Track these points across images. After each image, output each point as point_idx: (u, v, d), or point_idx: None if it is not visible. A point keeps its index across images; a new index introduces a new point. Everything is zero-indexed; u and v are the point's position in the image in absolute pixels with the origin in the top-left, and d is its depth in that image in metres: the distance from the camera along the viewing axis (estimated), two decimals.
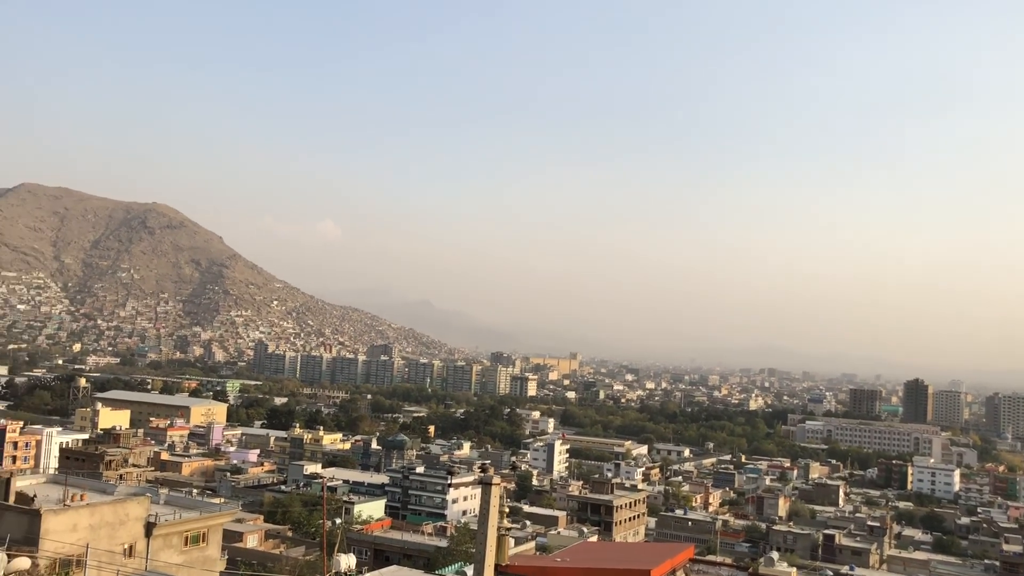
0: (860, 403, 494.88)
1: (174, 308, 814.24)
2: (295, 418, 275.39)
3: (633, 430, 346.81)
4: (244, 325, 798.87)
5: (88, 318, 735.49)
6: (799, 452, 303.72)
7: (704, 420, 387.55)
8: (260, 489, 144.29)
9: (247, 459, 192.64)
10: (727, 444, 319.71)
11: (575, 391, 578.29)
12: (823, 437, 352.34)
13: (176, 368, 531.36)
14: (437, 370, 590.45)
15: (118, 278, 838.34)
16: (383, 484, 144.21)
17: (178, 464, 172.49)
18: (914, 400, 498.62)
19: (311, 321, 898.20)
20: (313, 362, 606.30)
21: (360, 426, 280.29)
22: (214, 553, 56.98)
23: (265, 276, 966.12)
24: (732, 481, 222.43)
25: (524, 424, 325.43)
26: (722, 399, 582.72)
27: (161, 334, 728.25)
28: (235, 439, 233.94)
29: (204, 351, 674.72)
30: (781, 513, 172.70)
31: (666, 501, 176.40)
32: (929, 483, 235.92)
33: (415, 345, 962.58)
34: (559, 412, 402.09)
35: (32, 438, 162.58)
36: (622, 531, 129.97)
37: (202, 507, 59.39)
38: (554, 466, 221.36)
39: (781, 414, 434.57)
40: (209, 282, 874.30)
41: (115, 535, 48.16)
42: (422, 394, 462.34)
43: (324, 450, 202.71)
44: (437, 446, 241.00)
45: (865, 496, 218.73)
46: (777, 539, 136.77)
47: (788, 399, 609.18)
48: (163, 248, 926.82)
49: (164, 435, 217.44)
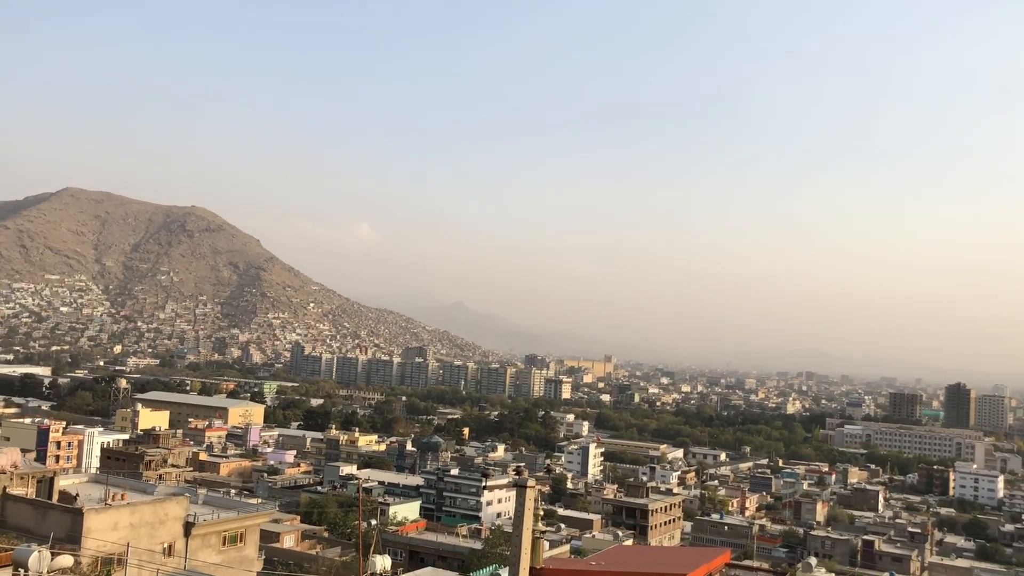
0: (900, 407, 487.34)
1: (212, 310, 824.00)
2: (331, 419, 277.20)
3: (668, 433, 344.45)
4: (281, 327, 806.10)
5: (128, 320, 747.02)
6: (837, 456, 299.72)
7: (741, 424, 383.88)
8: (296, 490, 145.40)
9: (284, 460, 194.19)
10: (764, 448, 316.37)
11: (610, 394, 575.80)
12: (862, 441, 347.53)
13: (214, 370, 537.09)
14: (471, 372, 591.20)
15: (158, 281, 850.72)
16: (418, 486, 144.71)
17: (216, 465, 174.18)
18: (956, 404, 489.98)
19: (347, 323, 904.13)
20: (349, 364, 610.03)
21: (395, 428, 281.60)
22: (251, 553, 57.53)
23: (302, 279, 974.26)
24: (769, 486, 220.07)
25: (558, 427, 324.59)
26: (759, 403, 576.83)
27: (199, 336, 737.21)
28: (272, 440, 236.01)
29: (242, 353, 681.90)
30: (819, 518, 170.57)
31: (702, 505, 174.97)
32: (972, 489, 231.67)
33: (449, 347, 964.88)
34: (593, 415, 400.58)
35: (74, 438, 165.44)
36: (657, 535, 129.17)
37: (239, 507, 59.99)
38: (588, 469, 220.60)
39: (819, 418, 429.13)
40: (247, 285, 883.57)
41: (155, 534, 48.79)
42: (456, 396, 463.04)
43: (359, 451, 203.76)
44: (471, 448, 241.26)
45: (905, 502, 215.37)
46: (815, 544, 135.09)
47: (826, 403, 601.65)
48: (202, 251, 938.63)
49: (202, 436, 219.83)
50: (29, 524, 46.03)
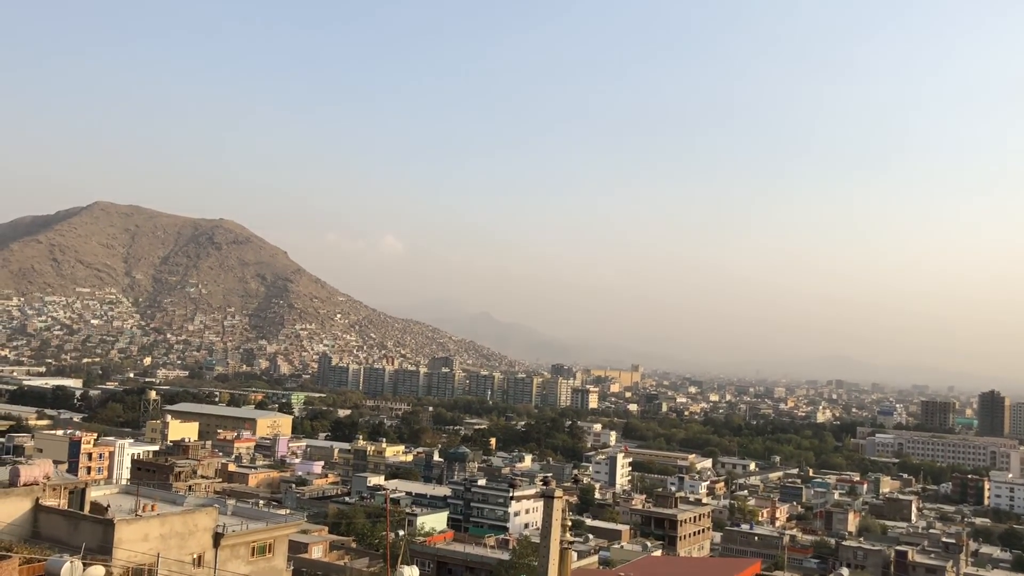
0: (932, 415, 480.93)
1: (240, 322, 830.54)
2: (358, 430, 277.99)
3: (697, 443, 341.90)
4: (308, 338, 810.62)
5: (158, 332, 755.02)
6: (869, 466, 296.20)
7: (770, 433, 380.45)
8: (324, 500, 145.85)
9: (312, 471, 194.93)
10: (794, 457, 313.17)
11: (637, 404, 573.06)
12: (894, 450, 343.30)
13: (243, 381, 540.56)
14: (498, 382, 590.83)
15: (186, 293, 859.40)
16: (445, 496, 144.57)
17: (244, 476, 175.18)
18: (990, 412, 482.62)
19: (374, 334, 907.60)
20: (376, 374, 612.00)
21: (422, 438, 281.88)
22: (280, 564, 57.61)
23: (329, 290, 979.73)
24: (799, 495, 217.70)
25: (586, 437, 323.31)
26: (788, 411, 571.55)
27: (228, 347, 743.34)
28: (300, 451, 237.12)
29: (270, 364, 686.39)
30: (851, 528, 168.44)
31: (731, 515, 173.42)
32: (1008, 498, 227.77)
33: (476, 357, 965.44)
34: (621, 425, 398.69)
35: (105, 449, 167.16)
36: (686, 546, 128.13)
37: (268, 518, 60.11)
38: (616, 479, 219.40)
39: (850, 427, 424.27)
40: (274, 296, 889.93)
41: (184, 545, 49.00)
42: (483, 406, 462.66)
43: (387, 462, 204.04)
44: (499, 458, 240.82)
45: (939, 512, 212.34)
46: (847, 555, 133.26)
47: (857, 411, 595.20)
48: (230, 263, 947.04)
49: (231, 447, 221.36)
50: (61, 535, 46.43)
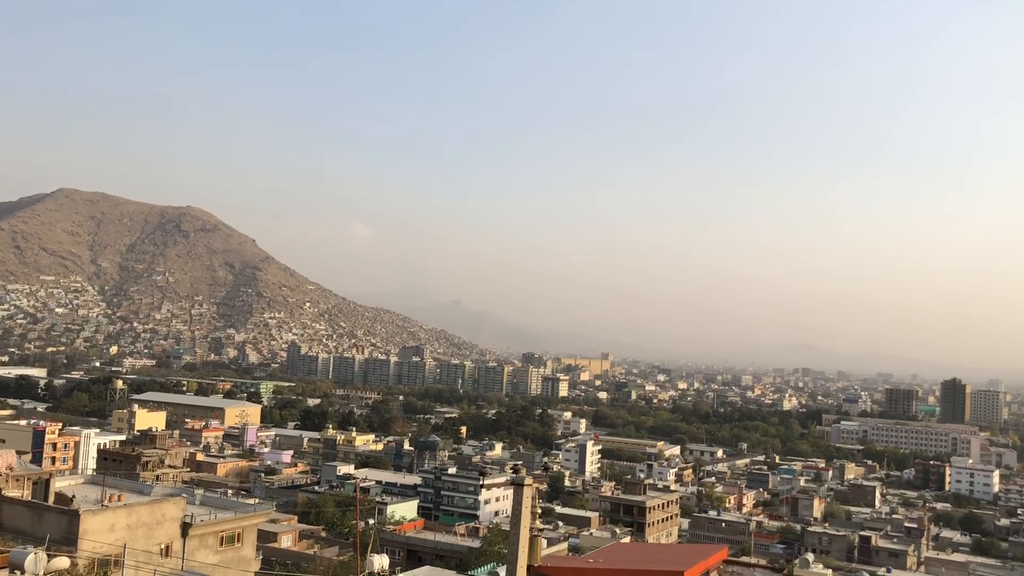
0: (896, 403, 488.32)
1: (208, 310, 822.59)
2: (328, 419, 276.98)
3: (665, 431, 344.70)
4: (277, 327, 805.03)
5: (124, 321, 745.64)
6: (834, 453, 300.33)
7: (737, 420, 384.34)
8: (294, 490, 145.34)
9: (281, 460, 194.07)
10: (761, 445, 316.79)
11: (607, 392, 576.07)
12: (858, 437, 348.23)
13: (211, 370, 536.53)
14: (468, 371, 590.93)
15: (153, 281, 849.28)
16: (415, 485, 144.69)
17: (213, 465, 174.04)
18: (951, 400, 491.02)
19: (343, 323, 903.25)
20: (345, 363, 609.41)
21: (392, 427, 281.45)
22: (249, 553, 57.47)
23: (298, 278, 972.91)
24: (766, 482, 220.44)
25: (556, 425, 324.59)
26: (755, 399, 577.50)
27: (196, 336, 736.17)
28: (269, 440, 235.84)
29: (238, 353, 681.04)
30: (816, 514, 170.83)
31: (699, 502, 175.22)
32: (968, 484, 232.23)
33: (446, 346, 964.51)
34: (591, 413, 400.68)
35: (70, 439, 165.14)
36: (655, 532, 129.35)
37: (237, 508, 59.89)
38: (586, 467, 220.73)
39: (815, 414, 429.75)
40: (243, 284, 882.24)
41: (152, 535, 48.73)
42: (453, 395, 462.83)
43: (357, 451, 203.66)
44: (469, 447, 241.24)
45: (902, 497, 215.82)
46: (812, 540, 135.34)
47: (822, 399, 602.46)
48: (197, 251, 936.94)
49: (199, 436, 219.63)
50: (25, 526, 45.96)
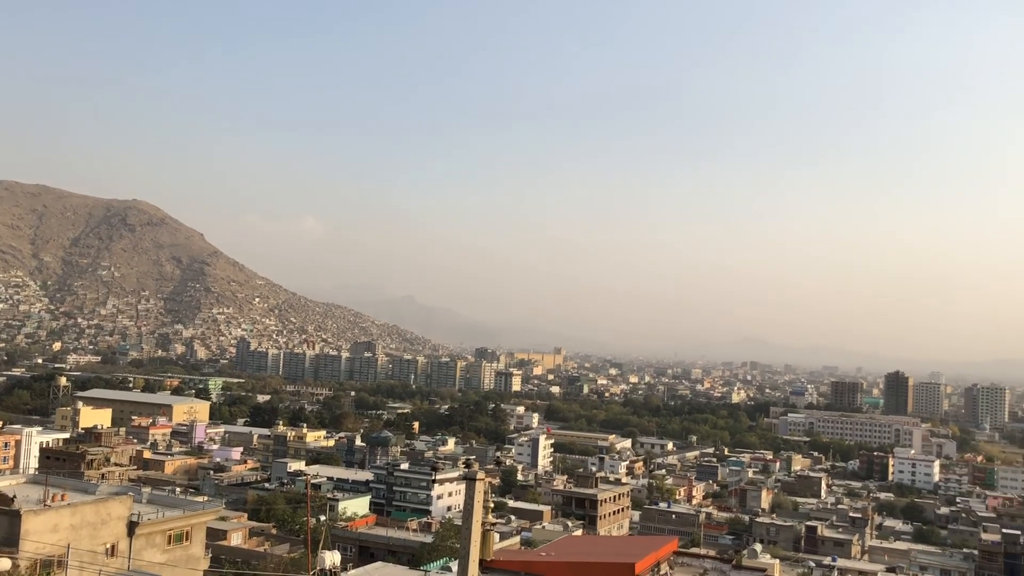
0: (841, 395, 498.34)
1: (155, 306, 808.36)
2: (278, 415, 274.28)
3: (617, 424, 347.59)
4: (226, 323, 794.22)
5: (68, 316, 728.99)
6: (781, 445, 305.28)
7: (687, 413, 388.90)
8: (244, 487, 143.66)
9: (230, 457, 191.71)
10: (710, 437, 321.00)
11: (559, 386, 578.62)
12: (805, 429, 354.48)
13: (158, 366, 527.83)
14: (421, 366, 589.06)
15: (98, 276, 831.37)
16: (367, 481, 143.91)
17: (161, 463, 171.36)
18: (895, 392, 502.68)
19: (294, 318, 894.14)
20: (296, 359, 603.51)
21: (344, 423, 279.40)
22: (198, 552, 56.78)
23: (247, 273, 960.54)
24: (715, 474, 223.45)
25: (509, 419, 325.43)
26: (705, 392, 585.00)
27: (142, 332, 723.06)
28: (218, 437, 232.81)
29: (186, 349, 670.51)
30: (764, 505, 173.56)
31: (650, 494, 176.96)
32: (910, 474, 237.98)
33: (399, 341, 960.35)
34: (543, 407, 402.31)
35: (11, 438, 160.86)
36: (606, 524, 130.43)
37: (185, 505, 59.14)
38: (539, 461, 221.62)
39: (763, 407, 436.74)
40: (191, 279, 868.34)
41: (97, 535, 47.89)
42: (406, 391, 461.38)
43: (308, 447, 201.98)
44: (421, 442, 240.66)
45: (847, 488, 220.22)
46: (760, 531, 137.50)
47: (770, 392, 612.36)
48: (144, 245, 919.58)
49: (146, 434, 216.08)
50: None
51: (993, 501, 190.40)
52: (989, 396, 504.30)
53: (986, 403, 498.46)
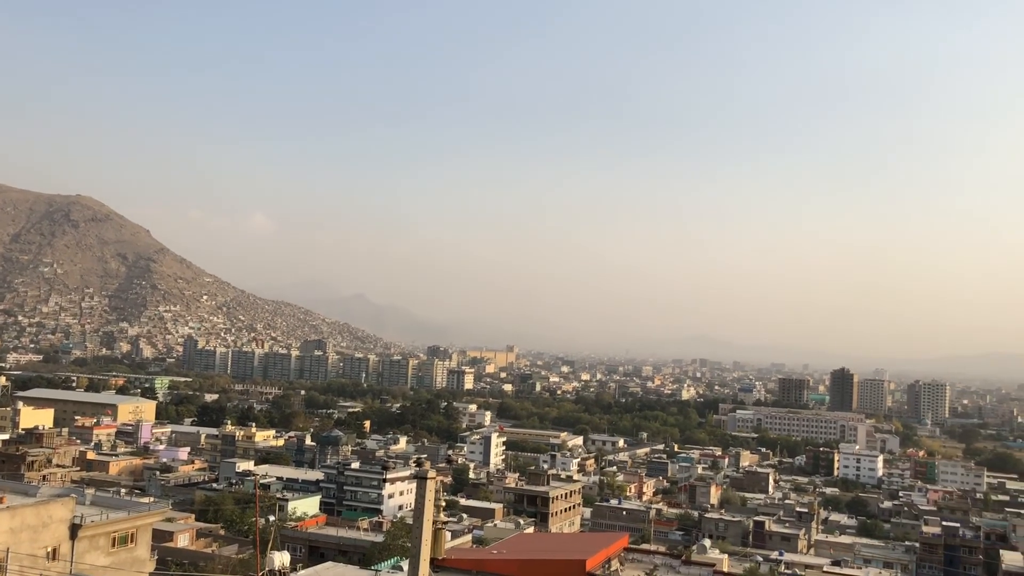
0: (789, 392, 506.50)
1: (100, 303, 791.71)
2: (226, 415, 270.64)
3: (569, 421, 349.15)
4: (173, 320, 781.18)
5: (8, 314, 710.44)
6: (730, 441, 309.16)
7: (638, 410, 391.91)
8: (191, 487, 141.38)
9: (177, 457, 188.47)
10: (660, 434, 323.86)
11: (512, 384, 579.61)
12: (753, 426, 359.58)
13: (102, 365, 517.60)
14: (372, 365, 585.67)
15: (40, 273, 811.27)
16: (318, 480, 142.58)
17: (105, 463, 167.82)
18: (840, 389, 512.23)
19: (242, 316, 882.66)
20: (245, 358, 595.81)
21: (294, 422, 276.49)
22: (143, 554, 55.72)
23: (194, 270, 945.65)
24: (665, 470, 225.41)
25: (461, 417, 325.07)
26: (655, 389, 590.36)
27: (86, 330, 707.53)
28: (165, 437, 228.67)
29: (131, 347, 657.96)
30: (713, 501, 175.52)
31: (601, 491, 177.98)
32: (854, 469, 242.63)
33: (350, 340, 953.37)
34: (496, 405, 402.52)
35: None
36: (558, 522, 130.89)
37: (130, 507, 57.96)
38: (491, 459, 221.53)
39: (712, 404, 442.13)
40: (136, 276, 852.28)
41: (37, 538, 46.72)
42: (357, 389, 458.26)
43: (257, 447, 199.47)
44: (373, 441, 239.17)
45: (794, 483, 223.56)
46: (709, 527, 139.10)
47: (719, 389, 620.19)
48: (88, 242, 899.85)
49: (90, 434, 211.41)
50: None
51: (934, 495, 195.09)
52: (931, 392, 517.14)
53: (928, 399, 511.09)
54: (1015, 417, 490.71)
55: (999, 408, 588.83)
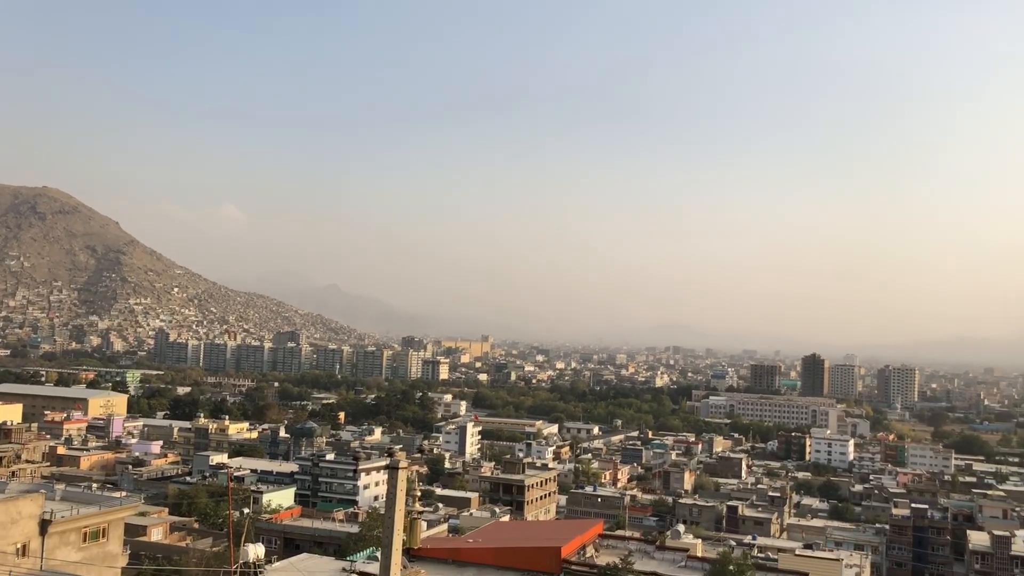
0: (761, 378, 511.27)
1: (69, 297, 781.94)
2: (199, 408, 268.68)
3: (544, 410, 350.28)
4: (144, 313, 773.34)
5: None
6: (703, 427, 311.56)
7: (612, 398, 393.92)
8: (164, 481, 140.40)
9: (150, 451, 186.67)
10: (634, 421, 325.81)
11: (487, 373, 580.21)
12: (726, 412, 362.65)
13: (72, 359, 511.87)
14: (347, 356, 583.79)
15: (7, 266, 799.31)
16: (292, 472, 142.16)
17: (76, 459, 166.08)
18: (811, 374, 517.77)
19: (214, 308, 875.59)
20: (217, 350, 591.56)
21: (267, 414, 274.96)
22: (115, 548, 55.35)
23: (165, 262, 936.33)
24: (640, 457, 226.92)
25: (436, 408, 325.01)
26: (629, 377, 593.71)
27: (55, 324, 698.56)
28: (137, 431, 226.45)
29: (102, 341, 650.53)
30: (687, 487, 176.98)
31: (576, 478, 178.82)
32: (826, 453, 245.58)
33: (323, 331, 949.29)
34: (471, 395, 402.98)
35: None
36: (533, 509, 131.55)
37: (102, 501, 57.51)
38: (466, 448, 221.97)
39: (686, 390, 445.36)
40: (106, 269, 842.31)
41: (6, 534, 46.28)
42: (331, 381, 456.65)
43: (230, 440, 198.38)
44: (348, 433, 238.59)
45: (766, 468, 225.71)
46: (683, 512, 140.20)
47: (692, 376, 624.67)
48: (56, 234, 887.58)
49: (60, 429, 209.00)
50: None
51: (903, 477, 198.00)
52: (900, 377, 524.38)
53: (898, 384, 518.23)
54: (982, 400, 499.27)
55: (967, 392, 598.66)
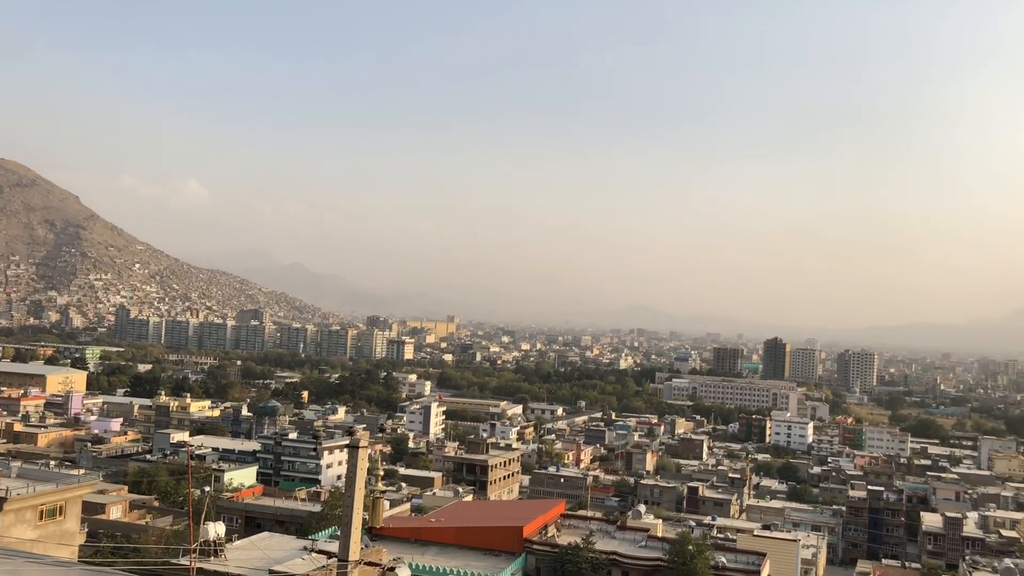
0: (723, 361, 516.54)
1: (27, 271, 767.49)
2: (160, 385, 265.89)
3: (509, 391, 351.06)
4: (104, 289, 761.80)
5: None
6: (666, 409, 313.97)
7: (577, 380, 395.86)
8: (124, 459, 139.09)
9: (109, 428, 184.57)
10: (598, 402, 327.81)
11: (452, 354, 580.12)
12: (688, 394, 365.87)
13: (30, 335, 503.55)
14: (311, 335, 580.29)
15: None
16: (255, 451, 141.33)
17: (33, 435, 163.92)
18: (773, 357, 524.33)
19: (176, 285, 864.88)
20: (179, 328, 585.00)
21: (230, 393, 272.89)
22: (72, 526, 54.67)
23: (126, 238, 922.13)
24: (603, 438, 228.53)
25: (401, 388, 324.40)
26: (594, 359, 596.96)
27: (12, 299, 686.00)
28: (96, 408, 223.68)
29: (61, 317, 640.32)
30: (649, 468, 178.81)
31: (539, 459, 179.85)
32: (786, 436, 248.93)
33: (288, 310, 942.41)
34: (436, 375, 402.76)
35: None
36: (497, 489, 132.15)
37: (59, 479, 56.71)
38: (431, 428, 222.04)
39: (649, 372, 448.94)
40: (65, 244, 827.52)
41: None
42: (295, 359, 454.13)
43: (192, 418, 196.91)
44: (311, 412, 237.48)
45: (727, 450, 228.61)
46: (644, 493, 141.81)
47: (656, 358, 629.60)
48: (13, 208, 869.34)
49: (17, 405, 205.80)
50: None
51: (861, 460, 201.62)
52: (860, 361, 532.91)
53: (857, 368, 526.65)
54: (938, 385, 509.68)
55: (923, 376, 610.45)
